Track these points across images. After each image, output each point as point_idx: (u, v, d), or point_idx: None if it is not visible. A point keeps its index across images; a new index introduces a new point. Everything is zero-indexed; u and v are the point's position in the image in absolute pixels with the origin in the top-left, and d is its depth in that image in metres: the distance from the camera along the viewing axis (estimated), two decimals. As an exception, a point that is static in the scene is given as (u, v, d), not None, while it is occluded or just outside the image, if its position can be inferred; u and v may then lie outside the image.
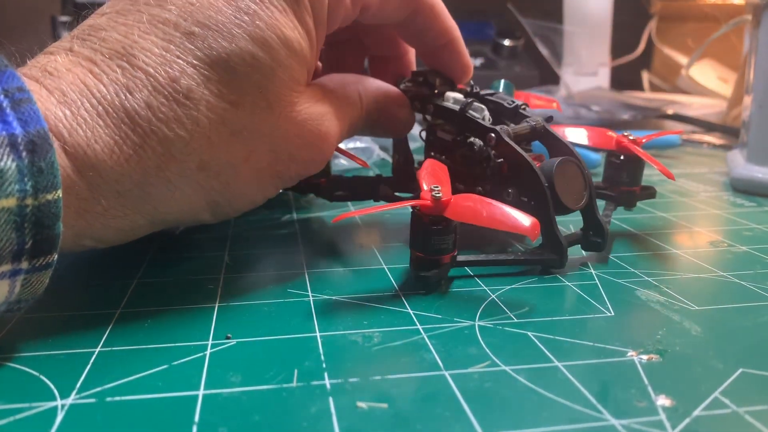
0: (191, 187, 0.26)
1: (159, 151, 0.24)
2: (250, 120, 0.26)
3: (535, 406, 0.20)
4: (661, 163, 0.34)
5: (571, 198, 0.30)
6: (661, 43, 0.98)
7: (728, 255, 0.34)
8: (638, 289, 0.29)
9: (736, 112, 0.75)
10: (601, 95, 0.80)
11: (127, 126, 0.24)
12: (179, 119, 0.24)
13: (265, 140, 0.27)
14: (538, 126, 0.32)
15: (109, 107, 0.23)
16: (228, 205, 0.28)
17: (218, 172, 0.26)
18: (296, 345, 0.24)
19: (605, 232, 0.32)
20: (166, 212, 0.26)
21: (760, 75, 0.48)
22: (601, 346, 0.24)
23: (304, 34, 0.27)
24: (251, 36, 0.25)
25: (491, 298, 0.28)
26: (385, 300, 0.28)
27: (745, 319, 0.26)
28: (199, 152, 0.25)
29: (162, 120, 0.24)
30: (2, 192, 0.19)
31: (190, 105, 0.24)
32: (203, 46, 0.25)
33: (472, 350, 0.23)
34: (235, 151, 0.26)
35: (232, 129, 0.26)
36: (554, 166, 0.30)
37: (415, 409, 0.20)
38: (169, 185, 0.25)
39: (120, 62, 0.24)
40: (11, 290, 0.21)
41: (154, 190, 0.25)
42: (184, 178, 0.25)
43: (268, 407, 0.20)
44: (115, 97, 0.24)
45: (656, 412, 0.19)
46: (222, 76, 0.25)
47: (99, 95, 0.23)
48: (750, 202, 0.46)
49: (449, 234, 0.28)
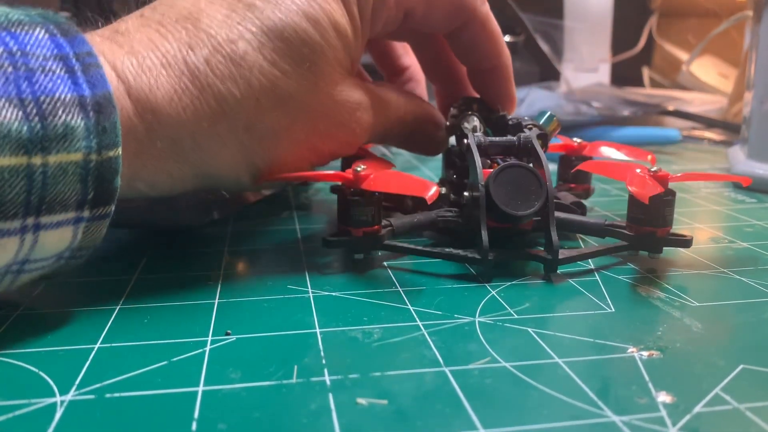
0: (236, 146, 0.28)
1: (213, 105, 0.26)
2: (296, 90, 0.28)
3: (535, 403, 0.20)
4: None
5: (512, 203, 0.29)
6: (662, 39, 0.98)
7: (729, 251, 0.34)
8: (639, 286, 0.29)
9: (736, 108, 0.75)
10: (602, 91, 0.80)
11: (187, 78, 0.26)
12: (233, 78, 0.26)
13: (307, 112, 0.29)
14: (524, 141, 0.33)
15: (172, 60, 0.26)
16: (267, 169, 0.29)
17: (262, 135, 0.28)
18: (296, 341, 0.24)
19: (554, 249, 0.29)
20: (212, 166, 0.28)
21: (761, 71, 0.48)
22: (602, 343, 0.24)
23: (350, 24, 0.30)
24: (305, 13, 0.28)
25: (491, 295, 0.28)
26: (385, 296, 0.28)
27: (746, 316, 0.26)
28: (247, 113, 0.27)
29: (218, 77, 0.26)
30: (71, 147, 0.21)
31: (245, 66, 0.27)
32: (262, 16, 0.27)
33: (472, 346, 0.23)
34: (279, 117, 0.28)
35: (280, 96, 0.28)
36: (495, 170, 0.30)
37: (415, 405, 0.20)
38: (219, 140, 0.27)
39: (185, 24, 0.27)
40: (74, 237, 0.23)
41: (205, 143, 0.27)
42: (232, 136, 0.27)
43: (268, 403, 0.20)
44: (178, 52, 0.26)
45: (657, 409, 0.19)
46: (276, 44, 0.27)
47: (164, 49, 0.26)
48: (751, 199, 0.45)
49: (369, 206, 0.30)
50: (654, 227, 0.31)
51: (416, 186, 0.30)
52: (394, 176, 0.31)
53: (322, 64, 0.28)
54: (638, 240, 0.31)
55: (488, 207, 0.29)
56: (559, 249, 0.30)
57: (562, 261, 0.30)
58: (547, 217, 0.30)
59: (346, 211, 0.30)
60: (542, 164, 0.31)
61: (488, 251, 0.29)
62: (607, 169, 0.35)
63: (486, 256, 0.29)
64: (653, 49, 1.00)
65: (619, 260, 0.33)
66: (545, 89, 0.73)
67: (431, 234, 0.36)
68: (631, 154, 0.39)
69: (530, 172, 0.30)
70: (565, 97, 0.72)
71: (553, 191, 0.30)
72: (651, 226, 0.31)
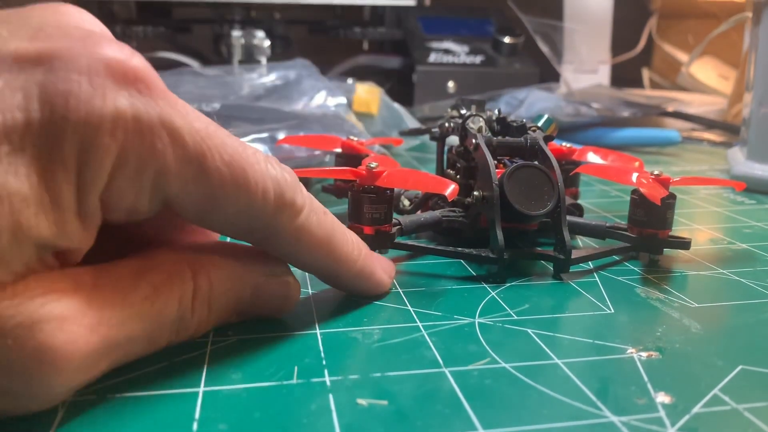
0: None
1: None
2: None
3: (534, 403, 0.20)
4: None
5: (526, 203, 0.29)
6: (662, 41, 0.98)
7: (728, 252, 0.34)
8: (638, 287, 0.29)
9: (736, 110, 0.75)
10: (602, 92, 0.80)
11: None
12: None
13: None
14: (531, 142, 0.33)
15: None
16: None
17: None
18: (296, 342, 0.24)
19: (567, 249, 0.30)
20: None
21: (760, 72, 0.48)
22: (601, 344, 0.24)
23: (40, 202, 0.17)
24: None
25: (491, 296, 0.28)
26: (385, 297, 0.28)
27: (744, 316, 0.26)
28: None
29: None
30: None
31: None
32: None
33: (472, 347, 0.23)
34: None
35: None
36: (509, 170, 0.30)
37: (415, 406, 0.20)
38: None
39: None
40: None
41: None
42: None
43: (269, 404, 0.20)
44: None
45: (656, 409, 0.19)
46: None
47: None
48: (750, 200, 0.46)
49: (382, 203, 0.29)
50: (655, 229, 0.31)
51: (434, 183, 0.30)
52: (410, 174, 0.31)
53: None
54: (640, 242, 0.32)
55: (501, 206, 0.30)
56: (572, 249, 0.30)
57: (574, 261, 0.30)
58: (559, 218, 0.30)
59: (359, 208, 0.30)
60: (552, 165, 0.31)
61: (504, 250, 0.29)
62: (607, 172, 0.36)
63: (502, 255, 0.29)
64: (653, 51, 1.00)
65: (618, 261, 0.33)
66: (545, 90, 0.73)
67: (429, 235, 0.36)
68: (619, 160, 0.40)
69: (542, 173, 0.30)
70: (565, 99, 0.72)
71: (564, 192, 0.30)
72: (652, 229, 0.31)
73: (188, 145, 0.19)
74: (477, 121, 0.35)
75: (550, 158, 0.31)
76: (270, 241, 0.23)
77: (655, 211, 0.31)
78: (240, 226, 0.22)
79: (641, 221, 0.32)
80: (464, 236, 0.34)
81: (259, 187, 0.21)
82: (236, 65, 0.70)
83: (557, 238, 0.30)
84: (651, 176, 0.32)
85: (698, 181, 0.38)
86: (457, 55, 0.80)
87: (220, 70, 0.65)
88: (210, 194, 0.20)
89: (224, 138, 0.20)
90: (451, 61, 0.79)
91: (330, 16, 0.91)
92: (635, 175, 0.32)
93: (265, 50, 0.73)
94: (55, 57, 0.18)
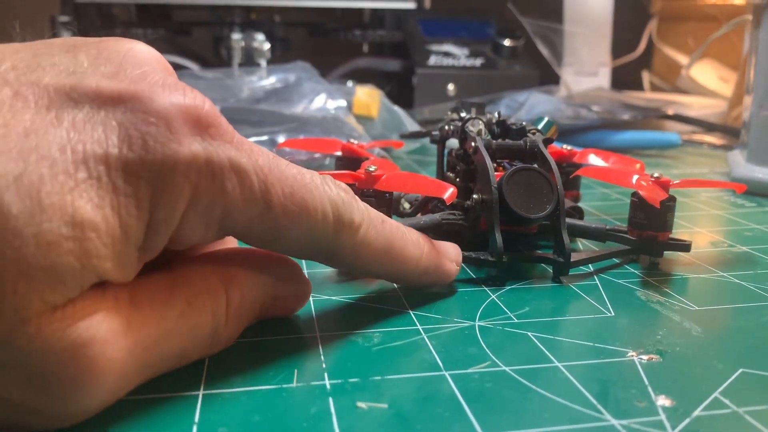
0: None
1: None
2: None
3: (535, 407, 0.20)
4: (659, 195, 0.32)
5: (525, 206, 0.29)
6: (662, 43, 0.98)
7: (728, 255, 0.34)
8: (638, 290, 0.29)
9: (736, 112, 0.75)
10: (602, 95, 0.80)
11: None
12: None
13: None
14: (531, 145, 0.33)
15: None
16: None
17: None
18: (296, 345, 0.24)
19: (566, 252, 0.30)
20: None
21: (760, 75, 0.48)
22: (602, 347, 0.24)
23: (110, 228, 0.18)
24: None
25: (491, 299, 0.28)
26: (385, 300, 0.28)
27: (745, 320, 0.26)
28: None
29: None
30: None
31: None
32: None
33: (472, 350, 0.23)
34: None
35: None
36: (508, 173, 0.30)
37: (415, 409, 0.20)
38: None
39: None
40: None
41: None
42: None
43: (268, 407, 0.20)
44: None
45: (656, 413, 0.19)
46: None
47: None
48: (750, 203, 0.46)
49: (382, 207, 0.29)
50: (655, 232, 0.31)
51: (433, 186, 0.30)
52: (409, 177, 0.31)
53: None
54: (640, 244, 0.32)
55: (501, 209, 0.29)
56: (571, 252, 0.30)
57: (573, 264, 0.30)
58: (558, 220, 0.30)
59: None
60: (551, 168, 0.31)
61: (503, 253, 0.29)
62: (607, 175, 0.36)
63: (501, 258, 0.29)
64: (653, 53, 1.00)
65: (618, 264, 0.33)
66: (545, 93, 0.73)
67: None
68: (620, 162, 0.40)
69: (541, 175, 0.30)
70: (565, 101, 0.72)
71: (563, 194, 0.30)
72: (652, 231, 0.31)
73: (254, 184, 0.20)
74: (476, 124, 0.35)
75: (549, 161, 0.31)
76: (333, 258, 0.24)
77: (655, 213, 0.31)
78: (303, 249, 0.23)
79: (641, 224, 0.32)
80: (464, 239, 0.34)
81: (319, 211, 0.22)
82: (236, 68, 0.70)
83: (556, 241, 0.30)
84: (651, 179, 0.32)
85: (698, 183, 0.38)
86: (457, 57, 0.80)
87: (219, 72, 0.65)
88: (274, 227, 0.21)
89: (284, 169, 0.21)
90: (451, 63, 0.79)
91: (330, 19, 0.91)
92: (635, 177, 0.32)
93: (264, 53, 0.73)
94: (136, 99, 0.18)
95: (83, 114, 0.18)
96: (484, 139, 0.33)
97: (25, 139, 0.17)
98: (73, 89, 0.18)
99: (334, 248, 0.23)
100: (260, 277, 0.23)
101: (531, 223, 0.30)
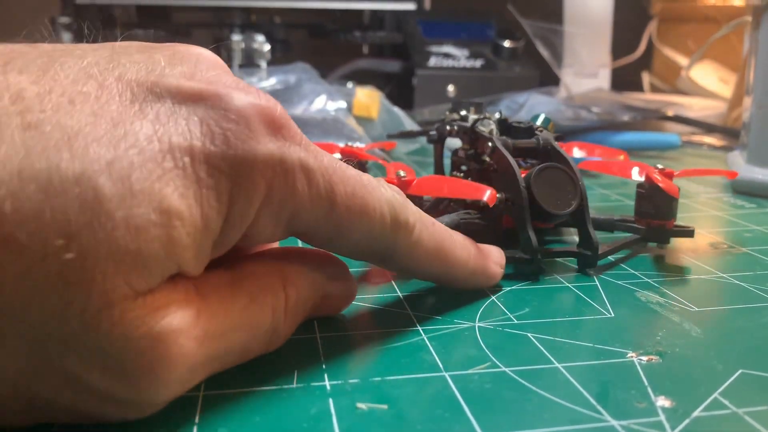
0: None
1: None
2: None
3: (535, 408, 0.20)
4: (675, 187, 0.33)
5: (553, 203, 0.30)
6: (662, 45, 0.98)
7: (728, 256, 0.34)
8: (638, 291, 0.29)
9: (736, 114, 0.75)
10: (602, 96, 0.80)
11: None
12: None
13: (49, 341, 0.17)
14: (544, 143, 0.33)
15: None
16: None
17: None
18: (296, 346, 0.24)
19: (594, 245, 0.31)
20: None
21: (760, 76, 0.48)
22: (601, 348, 0.24)
23: (194, 217, 0.18)
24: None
25: (491, 300, 0.28)
26: (385, 301, 0.28)
27: (745, 321, 0.26)
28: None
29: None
30: None
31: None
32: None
33: (472, 351, 0.23)
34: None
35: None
36: (534, 171, 0.31)
37: (415, 410, 0.20)
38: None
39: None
40: None
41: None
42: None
43: (268, 408, 0.20)
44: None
45: (656, 413, 0.19)
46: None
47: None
48: (750, 204, 0.46)
49: None
50: (662, 220, 0.33)
51: (470, 189, 0.30)
52: (444, 181, 0.32)
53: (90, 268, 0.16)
54: (648, 233, 0.34)
55: (529, 207, 0.30)
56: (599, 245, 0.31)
57: (601, 256, 0.31)
58: (583, 215, 0.31)
59: None
60: (568, 164, 0.32)
61: (538, 250, 0.30)
62: (610, 168, 0.38)
63: (536, 255, 0.30)
64: (653, 55, 1.00)
65: (625, 258, 0.33)
66: (545, 94, 0.73)
67: None
68: (604, 154, 0.42)
69: (564, 172, 0.31)
70: (565, 102, 0.72)
71: (585, 190, 0.31)
72: (660, 219, 0.33)
73: (320, 184, 0.21)
74: (488, 123, 0.35)
75: (565, 158, 0.32)
76: (390, 259, 0.24)
77: (662, 202, 0.33)
78: (362, 249, 0.23)
79: (649, 213, 0.34)
80: (481, 238, 0.34)
81: (377, 212, 0.22)
82: (236, 69, 0.70)
83: (583, 235, 0.31)
84: (656, 170, 0.34)
85: (696, 172, 0.41)
86: (457, 59, 0.80)
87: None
88: (337, 225, 0.22)
89: (345, 170, 0.22)
90: (451, 65, 0.79)
91: (330, 20, 0.91)
92: (636, 169, 0.35)
93: (265, 54, 0.73)
94: (216, 97, 0.19)
95: (166, 108, 0.18)
96: (500, 138, 0.33)
97: (114, 129, 0.17)
98: (155, 85, 0.19)
99: (390, 248, 0.24)
100: (313, 275, 0.24)
101: (558, 219, 0.31)
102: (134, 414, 0.18)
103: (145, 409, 0.18)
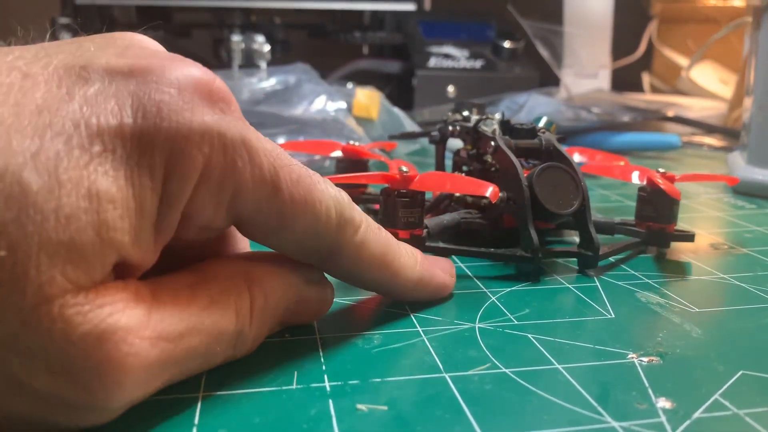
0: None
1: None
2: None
3: (535, 409, 0.20)
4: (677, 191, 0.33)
5: (554, 202, 0.30)
6: (662, 45, 0.98)
7: (729, 257, 0.34)
8: (638, 292, 0.29)
9: (736, 114, 0.75)
10: (602, 97, 0.80)
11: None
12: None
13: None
14: (546, 143, 0.34)
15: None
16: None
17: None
18: (296, 347, 0.24)
19: (595, 246, 0.31)
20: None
21: (760, 77, 0.48)
22: (602, 349, 0.24)
23: (126, 202, 0.17)
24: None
25: (491, 300, 0.28)
26: (385, 302, 0.28)
27: (745, 321, 0.26)
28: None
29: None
30: None
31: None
32: None
33: (472, 352, 0.23)
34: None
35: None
36: (537, 171, 0.31)
37: (415, 411, 0.20)
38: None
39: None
40: None
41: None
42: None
43: (268, 409, 0.20)
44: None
45: (657, 414, 0.19)
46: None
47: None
48: (751, 204, 0.46)
49: (416, 207, 0.30)
50: (663, 224, 0.33)
51: (473, 185, 0.30)
52: (446, 177, 0.32)
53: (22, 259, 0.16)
54: (649, 236, 0.34)
55: (531, 207, 0.30)
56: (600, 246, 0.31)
57: (601, 257, 0.31)
58: (584, 215, 0.31)
59: (393, 213, 0.30)
60: (571, 165, 0.32)
61: (539, 250, 0.30)
62: (611, 171, 0.38)
63: (538, 254, 0.30)
64: (653, 55, 1.00)
65: (625, 259, 0.33)
66: (545, 95, 0.73)
67: (442, 236, 0.36)
68: (605, 159, 0.42)
69: (566, 173, 0.31)
70: (565, 103, 0.72)
71: (587, 191, 0.31)
72: (661, 223, 0.33)
73: (263, 165, 0.20)
74: (490, 123, 0.35)
75: (567, 158, 0.32)
76: (333, 259, 0.23)
77: (663, 206, 0.33)
78: (306, 245, 0.22)
79: (649, 216, 0.34)
80: (482, 237, 0.34)
81: (323, 205, 0.21)
82: (236, 70, 0.70)
83: (584, 236, 0.31)
84: (657, 174, 0.34)
85: (697, 177, 0.40)
86: (457, 59, 0.80)
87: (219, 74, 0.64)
88: (280, 213, 0.21)
89: (290, 159, 0.21)
90: (451, 65, 0.79)
91: (330, 21, 0.91)
92: (636, 173, 0.35)
93: (265, 55, 0.73)
94: (147, 71, 0.18)
95: (95, 89, 0.18)
96: (503, 138, 0.33)
97: (39, 117, 0.17)
98: (83, 68, 0.18)
99: (336, 247, 0.22)
100: (284, 278, 0.23)
101: (559, 219, 0.31)
102: (92, 421, 0.18)
103: (102, 415, 0.18)
